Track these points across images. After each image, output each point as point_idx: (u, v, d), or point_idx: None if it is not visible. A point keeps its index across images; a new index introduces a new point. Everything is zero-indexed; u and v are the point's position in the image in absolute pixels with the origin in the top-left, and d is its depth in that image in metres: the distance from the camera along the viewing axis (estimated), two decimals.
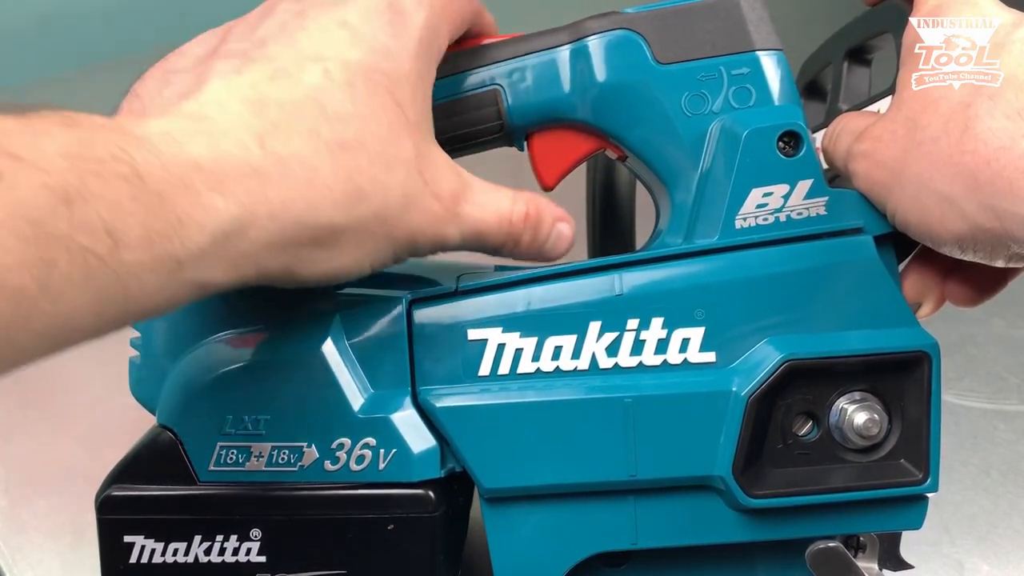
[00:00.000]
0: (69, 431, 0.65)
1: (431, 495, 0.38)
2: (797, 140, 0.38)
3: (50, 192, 0.23)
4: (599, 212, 0.53)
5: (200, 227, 0.27)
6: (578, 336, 0.38)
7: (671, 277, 0.39)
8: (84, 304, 0.24)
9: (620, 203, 0.52)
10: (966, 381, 0.70)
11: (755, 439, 0.38)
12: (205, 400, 0.38)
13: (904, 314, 0.39)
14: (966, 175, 0.33)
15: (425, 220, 0.35)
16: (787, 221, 0.38)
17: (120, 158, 0.25)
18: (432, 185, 0.35)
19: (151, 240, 0.26)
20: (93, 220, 0.24)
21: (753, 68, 0.40)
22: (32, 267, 0.23)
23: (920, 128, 0.35)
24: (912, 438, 0.38)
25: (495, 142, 0.43)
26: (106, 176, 0.25)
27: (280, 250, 0.31)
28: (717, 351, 0.38)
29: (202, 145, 0.28)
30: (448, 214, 0.36)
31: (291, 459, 0.38)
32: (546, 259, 0.40)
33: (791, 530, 0.39)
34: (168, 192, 0.26)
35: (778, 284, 0.38)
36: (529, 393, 0.38)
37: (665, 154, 0.41)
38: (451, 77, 0.41)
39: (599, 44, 0.40)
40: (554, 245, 0.39)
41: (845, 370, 0.38)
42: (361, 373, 0.38)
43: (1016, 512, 0.59)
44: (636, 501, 0.39)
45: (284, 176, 0.30)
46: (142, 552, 0.38)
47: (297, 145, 0.31)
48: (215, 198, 0.28)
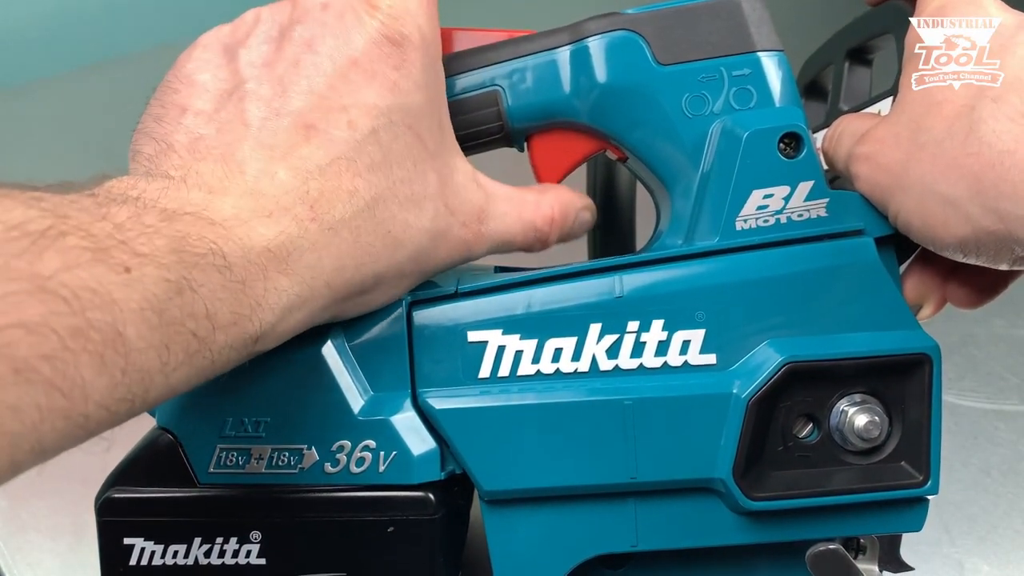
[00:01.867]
0: None
1: (431, 497, 0.38)
2: (798, 141, 0.38)
3: (168, 284, 0.26)
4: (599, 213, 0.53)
5: (272, 308, 0.30)
6: (578, 338, 0.38)
7: (671, 279, 0.39)
8: (185, 377, 0.27)
9: (621, 204, 0.51)
10: (966, 381, 0.70)
11: (755, 441, 0.38)
12: (205, 402, 0.38)
13: (905, 316, 0.39)
14: (970, 178, 0.33)
15: (455, 248, 0.37)
16: (788, 223, 0.38)
17: (214, 251, 0.28)
18: (458, 214, 0.37)
19: (235, 323, 0.29)
20: (199, 308, 0.27)
21: (754, 69, 0.40)
22: (157, 349, 0.26)
23: (923, 131, 0.35)
24: (913, 440, 0.38)
25: (495, 143, 0.43)
26: (205, 268, 0.28)
27: (330, 308, 0.34)
28: (717, 353, 0.38)
29: (267, 228, 0.30)
30: (474, 237, 0.38)
31: (291, 461, 0.38)
32: (566, 240, 0.42)
33: (791, 532, 0.39)
34: (249, 280, 0.29)
35: (779, 286, 0.38)
36: (529, 395, 0.38)
37: (665, 155, 0.41)
38: (451, 78, 0.41)
39: (600, 45, 0.40)
40: (576, 232, 0.42)
41: (846, 372, 0.38)
42: (361, 375, 0.38)
43: (1016, 512, 0.59)
44: (636, 503, 0.39)
45: (335, 244, 0.32)
46: (142, 554, 0.38)
47: (342, 210, 0.32)
48: (283, 280, 0.30)
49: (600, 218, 0.53)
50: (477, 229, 0.38)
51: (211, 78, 0.35)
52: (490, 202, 0.38)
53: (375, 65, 0.34)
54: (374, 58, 0.34)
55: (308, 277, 0.31)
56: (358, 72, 0.34)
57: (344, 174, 0.33)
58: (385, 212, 0.34)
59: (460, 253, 0.38)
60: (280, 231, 0.31)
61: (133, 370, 0.25)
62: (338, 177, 0.33)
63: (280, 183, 0.32)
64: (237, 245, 0.29)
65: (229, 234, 0.29)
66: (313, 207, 0.32)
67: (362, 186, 0.33)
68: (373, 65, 0.34)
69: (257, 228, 0.30)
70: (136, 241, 0.26)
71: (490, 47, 0.42)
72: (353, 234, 0.33)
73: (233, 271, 0.28)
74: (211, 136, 0.33)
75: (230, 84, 0.34)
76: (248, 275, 0.29)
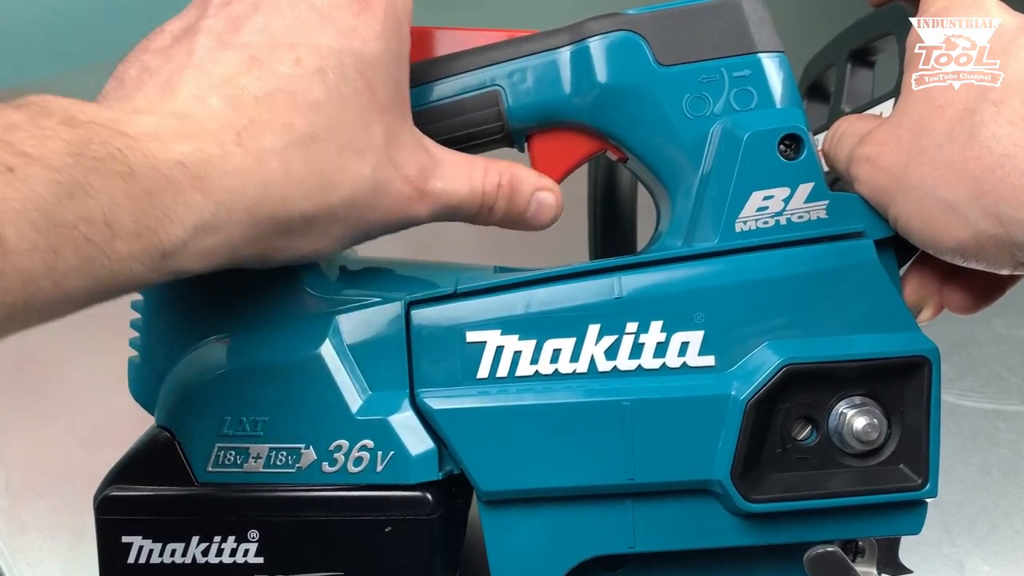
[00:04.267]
0: (69, 431, 0.65)
1: (429, 497, 0.38)
2: (798, 143, 0.38)
3: (58, 186, 0.26)
4: (600, 214, 0.53)
5: (182, 223, 0.29)
6: (577, 339, 0.38)
7: (670, 280, 0.39)
8: (79, 286, 0.27)
9: (621, 205, 0.51)
10: (967, 381, 0.70)
11: (754, 443, 0.38)
12: (203, 401, 0.38)
13: (904, 319, 0.38)
14: (970, 182, 0.33)
15: (395, 203, 0.36)
16: (787, 224, 0.38)
17: (116, 157, 0.28)
18: (402, 168, 0.36)
19: (140, 233, 0.28)
20: (94, 212, 0.26)
21: (755, 70, 0.40)
22: (42, 252, 0.25)
23: (924, 134, 0.35)
24: (912, 443, 0.38)
25: (495, 143, 0.42)
26: (104, 173, 0.27)
27: (254, 241, 0.32)
28: (716, 355, 0.38)
29: (186, 146, 0.30)
30: (417, 194, 0.37)
31: (289, 460, 0.38)
32: (532, 227, 0.41)
33: (789, 534, 0.39)
34: (156, 189, 0.28)
35: (778, 288, 0.38)
36: (527, 396, 0.38)
37: (666, 156, 0.41)
38: (452, 77, 0.41)
39: (600, 45, 0.40)
40: (536, 214, 0.41)
41: (845, 375, 0.38)
42: (359, 375, 0.38)
43: (1017, 512, 0.59)
44: (634, 505, 0.39)
45: (260, 172, 0.32)
46: (140, 552, 0.38)
47: (272, 140, 0.32)
48: (196, 196, 0.30)
49: (601, 218, 0.53)
50: (421, 187, 0.37)
51: (179, 20, 0.36)
52: (437, 165, 0.38)
53: (334, 10, 0.34)
54: (335, 4, 0.35)
55: (226, 199, 0.31)
56: (315, 15, 0.34)
57: (282, 107, 0.33)
58: (322, 152, 0.33)
59: (401, 210, 0.37)
60: (198, 149, 0.30)
61: (13, 272, 0.25)
62: (274, 109, 0.32)
63: (211, 108, 0.32)
64: (145, 155, 0.28)
65: (139, 145, 0.28)
66: (240, 133, 0.31)
67: (300, 122, 0.33)
68: (332, 10, 0.34)
69: (173, 145, 0.30)
70: (26, 143, 0.26)
71: (491, 47, 0.42)
72: (283, 166, 0.32)
73: (138, 179, 0.28)
74: (156, 67, 0.34)
75: (191, 24, 0.35)
76: (156, 186, 0.28)
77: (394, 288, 0.40)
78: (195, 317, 0.40)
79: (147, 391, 0.41)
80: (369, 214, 0.36)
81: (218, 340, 0.40)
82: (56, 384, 0.70)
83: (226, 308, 0.40)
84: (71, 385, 0.70)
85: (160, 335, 0.41)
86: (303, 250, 0.35)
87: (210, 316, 0.40)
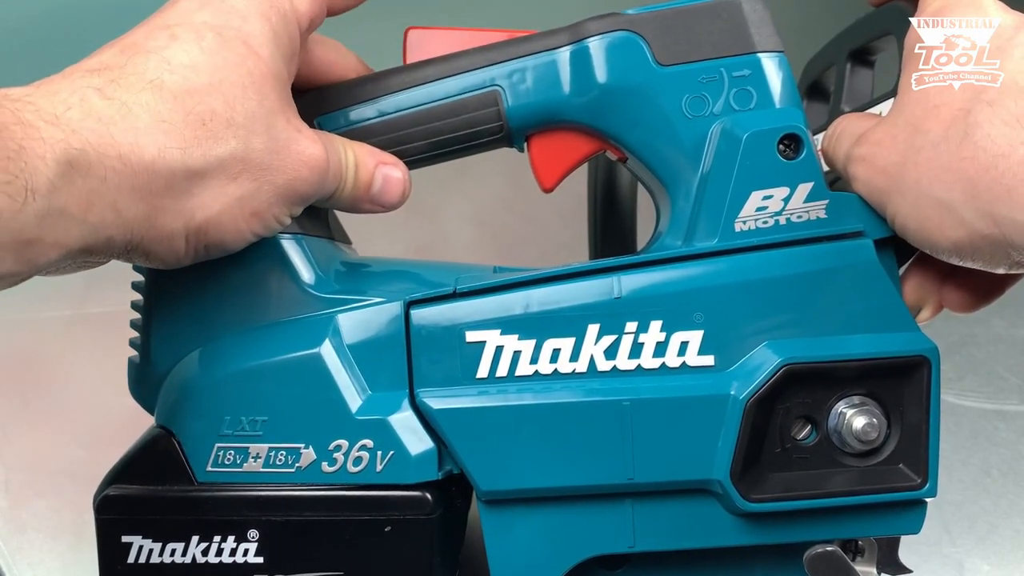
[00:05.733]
0: (69, 431, 0.65)
1: (428, 497, 0.38)
2: (798, 143, 0.38)
3: None
4: (600, 213, 0.53)
5: (41, 157, 0.29)
6: (576, 338, 0.38)
7: (670, 280, 0.39)
8: None
9: (621, 205, 0.52)
10: (966, 381, 0.70)
11: (753, 443, 0.38)
12: (203, 401, 0.38)
13: (904, 318, 0.38)
14: (965, 182, 0.33)
15: (304, 164, 0.36)
16: (787, 224, 0.38)
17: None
18: (305, 132, 0.36)
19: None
20: None
21: (754, 70, 0.40)
22: None
23: (920, 134, 0.35)
24: (911, 443, 0.38)
25: (495, 143, 0.42)
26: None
27: (136, 195, 0.32)
28: (716, 354, 0.38)
29: (41, 96, 0.31)
30: (326, 164, 0.37)
31: (288, 460, 0.38)
32: (381, 205, 0.41)
33: (789, 534, 0.39)
34: (5, 123, 0.29)
35: (777, 287, 0.38)
36: (527, 395, 0.38)
37: (665, 156, 0.41)
38: (451, 77, 0.41)
39: (600, 45, 0.40)
40: (384, 189, 0.40)
41: (844, 374, 0.38)
42: (359, 375, 0.38)
43: (1016, 512, 0.59)
44: (634, 504, 0.39)
45: (128, 120, 0.32)
46: (140, 552, 0.38)
47: (140, 95, 0.33)
48: (53, 131, 0.30)
49: (601, 218, 0.53)
50: (322, 153, 0.37)
51: None
52: (330, 141, 0.38)
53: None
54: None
55: (93, 140, 0.31)
56: (195, 1, 0.35)
57: (149, 68, 0.33)
58: (201, 106, 0.33)
59: (300, 177, 0.36)
60: (53, 97, 0.31)
61: None
62: (140, 70, 0.33)
63: (73, 79, 0.32)
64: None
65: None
66: (103, 89, 0.32)
67: (170, 79, 0.33)
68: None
69: (30, 98, 0.30)
70: None
71: (490, 47, 0.42)
72: (153, 117, 0.32)
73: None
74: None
75: None
76: (5, 120, 0.29)
77: (394, 288, 0.40)
78: (195, 317, 0.40)
79: (147, 391, 0.41)
80: (269, 175, 0.35)
81: (217, 340, 0.40)
82: (56, 384, 0.70)
83: (226, 308, 0.40)
84: (71, 385, 0.70)
85: (160, 335, 0.41)
86: (196, 217, 0.34)
87: (210, 316, 0.40)
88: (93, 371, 0.69)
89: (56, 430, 0.65)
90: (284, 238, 0.40)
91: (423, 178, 0.43)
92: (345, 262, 0.43)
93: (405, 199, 0.41)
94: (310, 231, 0.41)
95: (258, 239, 0.37)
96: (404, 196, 0.41)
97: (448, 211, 0.84)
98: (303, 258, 0.40)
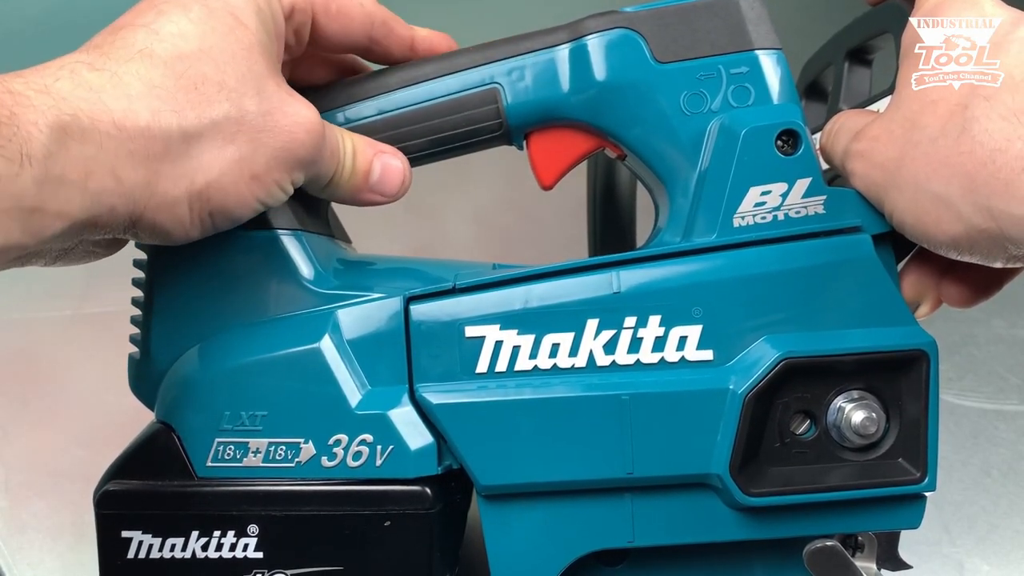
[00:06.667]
0: (69, 431, 0.65)
1: (428, 492, 0.38)
2: (795, 139, 0.38)
3: None
4: (600, 210, 0.53)
5: (34, 123, 0.29)
6: (576, 333, 0.38)
7: (669, 275, 0.39)
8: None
9: (621, 202, 0.52)
10: (967, 381, 0.70)
11: (752, 437, 0.38)
12: (203, 396, 0.38)
13: (902, 313, 0.39)
14: (962, 176, 0.33)
15: (299, 126, 0.36)
16: (785, 219, 0.38)
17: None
18: (297, 96, 0.36)
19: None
20: None
21: (752, 67, 0.40)
22: None
23: (918, 129, 0.35)
24: (910, 437, 0.38)
25: (494, 141, 0.43)
26: None
27: (134, 160, 0.32)
28: (715, 349, 0.38)
29: (29, 72, 0.31)
30: (321, 127, 0.37)
31: (288, 455, 0.38)
32: (380, 196, 0.40)
33: (788, 529, 0.39)
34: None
35: (776, 282, 0.38)
36: (526, 390, 0.38)
37: (664, 153, 0.41)
38: (451, 75, 0.41)
39: (598, 43, 0.40)
40: (383, 179, 0.40)
41: (843, 368, 0.38)
42: (359, 369, 0.38)
43: (1016, 512, 0.59)
44: (633, 499, 0.39)
45: (120, 87, 0.32)
46: (139, 547, 0.38)
47: (130, 64, 0.33)
48: (43, 99, 0.30)
49: (601, 215, 0.54)
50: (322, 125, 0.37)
51: None
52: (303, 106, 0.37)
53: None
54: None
55: (86, 108, 0.31)
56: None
57: (137, 40, 0.34)
58: (191, 70, 0.34)
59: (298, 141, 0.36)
60: (42, 72, 0.31)
61: None
62: (128, 42, 0.33)
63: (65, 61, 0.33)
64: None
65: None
66: (92, 64, 0.32)
67: (159, 47, 0.34)
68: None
69: (20, 75, 0.31)
70: None
71: (490, 45, 0.42)
72: (144, 83, 0.33)
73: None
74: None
75: None
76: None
77: (393, 284, 0.40)
78: (195, 313, 0.40)
79: (147, 387, 0.41)
80: (265, 137, 0.35)
81: (217, 335, 0.40)
82: (56, 384, 0.70)
83: (225, 304, 0.40)
84: (71, 385, 0.70)
85: (160, 331, 0.41)
86: (196, 181, 0.34)
87: (210, 312, 0.40)
88: (93, 371, 0.70)
89: (56, 430, 0.66)
90: (284, 234, 0.40)
91: (423, 177, 0.43)
92: (344, 259, 0.43)
93: (406, 189, 0.41)
94: (310, 228, 0.41)
95: (264, 208, 0.37)
96: (404, 186, 0.41)
97: (448, 210, 0.84)
98: (302, 254, 0.40)
